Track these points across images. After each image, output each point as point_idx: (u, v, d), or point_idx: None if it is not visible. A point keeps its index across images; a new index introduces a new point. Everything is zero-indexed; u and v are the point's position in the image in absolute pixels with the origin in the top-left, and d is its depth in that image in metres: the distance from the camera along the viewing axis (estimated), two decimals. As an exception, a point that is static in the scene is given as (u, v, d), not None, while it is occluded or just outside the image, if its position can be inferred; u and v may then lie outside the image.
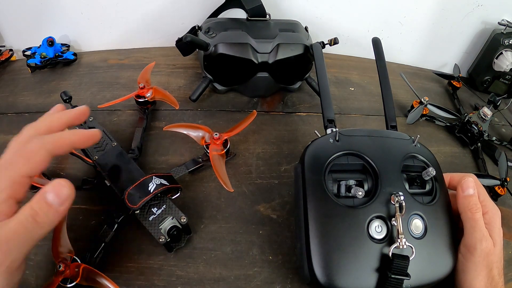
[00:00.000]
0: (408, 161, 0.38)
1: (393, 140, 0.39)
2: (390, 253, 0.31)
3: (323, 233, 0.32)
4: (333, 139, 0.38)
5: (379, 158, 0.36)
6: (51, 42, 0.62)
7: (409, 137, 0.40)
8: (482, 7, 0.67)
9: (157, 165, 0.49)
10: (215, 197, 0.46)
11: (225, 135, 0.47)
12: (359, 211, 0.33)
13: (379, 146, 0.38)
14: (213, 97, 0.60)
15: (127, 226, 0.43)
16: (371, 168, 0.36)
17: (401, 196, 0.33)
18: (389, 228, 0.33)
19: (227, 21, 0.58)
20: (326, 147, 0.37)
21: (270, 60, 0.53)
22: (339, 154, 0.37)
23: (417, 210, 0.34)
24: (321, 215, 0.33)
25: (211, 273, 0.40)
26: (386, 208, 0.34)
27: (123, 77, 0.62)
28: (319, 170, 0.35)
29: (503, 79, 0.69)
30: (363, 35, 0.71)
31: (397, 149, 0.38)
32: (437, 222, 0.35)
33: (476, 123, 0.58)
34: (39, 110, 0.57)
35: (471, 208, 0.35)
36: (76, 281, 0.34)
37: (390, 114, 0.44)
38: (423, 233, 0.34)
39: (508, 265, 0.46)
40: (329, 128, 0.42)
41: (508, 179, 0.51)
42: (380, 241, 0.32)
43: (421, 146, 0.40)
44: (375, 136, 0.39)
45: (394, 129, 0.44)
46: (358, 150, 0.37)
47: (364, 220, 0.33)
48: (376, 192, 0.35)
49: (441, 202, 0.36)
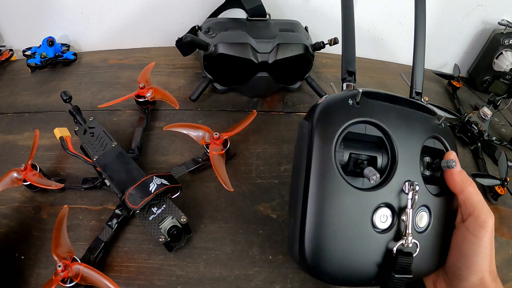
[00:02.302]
0: (429, 142, 0.33)
1: (419, 114, 0.34)
2: (395, 250, 0.29)
3: (322, 212, 0.28)
4: (353, 101, 0.31)
5: (401, 135, 0.31)
6: (51, 42, 0.62)
7: (435, 113, 0.35)
8: (482, 7, 0.67)
9: (157, 165, 0.49)
10: (215, 197, 0.46)
11: (225, 135, 0.47)
12: (367, 195, 0.29)
13: (403, 120, 0.32)
14: (213, 97, 0.60)
15: (127, 226, 0.43)
16: (390, 145, 0.31)
17: (417, 186, 0.29)
18: (394, 219, 0.30)
19: (227, 21, 0.58)
20: (344, 109, 0.30)
21: (270, 60, 0.53)
22: (357, 121, 0.30)
23: (426, 202, 0.31)
24: (324, 191, 0.29)
25: (211, 273, 0.40)
26: (396, 196, 0.30)
27: (123, 77, 0.62)
28: (331, 137, 0.29)
29: (503, 79, 0.69)
30: (363, 35, 0.71)
31: (421, 126, 0.33)
32: (442, 217, 0.32)
33: (476, 123, 0.58)
34: (39, 110, 0.57)
35: (470, 182, 0.32)
36: (76, 281, 0.34)
37: (418, 78, 0.38)
38: (426, 227, 0.31)
39: (508, 264, 0.46)
40: (347, 82, 0.35)
41: (508, 179, 0.51)
42: (382, 232, 0.29)
43: (445, 127, 0.35)
44: (401, 106, 0.33)
45: (418, 96, 0.38)
46: (379, 120, 0.31)
47: (372, 206, 0.29)
48: (389, 175, 0.30)
49: (449, 195, 0.33)
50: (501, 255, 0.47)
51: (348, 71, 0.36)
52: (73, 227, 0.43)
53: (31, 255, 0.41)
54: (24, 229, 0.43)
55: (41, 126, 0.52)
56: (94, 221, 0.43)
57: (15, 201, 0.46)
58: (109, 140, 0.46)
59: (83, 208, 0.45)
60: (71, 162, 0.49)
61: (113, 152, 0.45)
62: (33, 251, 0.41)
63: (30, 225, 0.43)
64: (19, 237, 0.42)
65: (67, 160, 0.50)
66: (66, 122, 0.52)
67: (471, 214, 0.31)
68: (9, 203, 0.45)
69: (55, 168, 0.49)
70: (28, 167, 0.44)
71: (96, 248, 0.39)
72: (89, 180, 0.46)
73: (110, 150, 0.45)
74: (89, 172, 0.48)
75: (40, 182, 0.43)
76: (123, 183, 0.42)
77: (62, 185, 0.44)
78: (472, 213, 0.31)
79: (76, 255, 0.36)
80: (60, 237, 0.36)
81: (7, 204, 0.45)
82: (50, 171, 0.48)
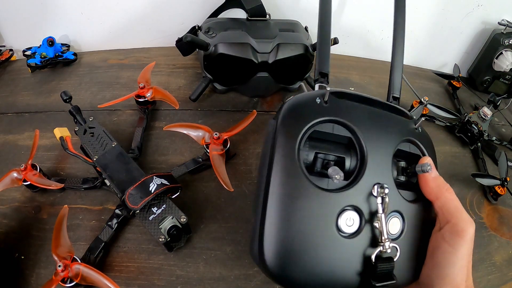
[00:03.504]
0: (403, 146, 0.31)
1: (393, 116, 0.32)
2: (373, 257, 0.27)
3: (282, 211, 0.27)
4: (321, 99, 0.30)
5: (371, 136, 0.30)
6: (51, 42, 0.62)
7: (411, 117, 0.33)
8: (482, 7, 0.67)
9: (157, 165, 0.49)
10: (215, 197, 0.46)
11: (225, 135, 0.47)
12: (332, 196, 0.27)
13: (375, 121, 0.31)
14: (213, 97, 0.60)
15: (127, 226, 0.43)
16: (359, 145, 0.29)
17: (386, 189, 0.28)
18: (363, 223, 0.28)
19: (227, 21, 0.58)
20: (310, 106, 0.30)
21: (270, 60, 0.53)
22: (324, 119, 0.29)
23: (399, 208, 0.29)
24: (285, 190, 0.27)
25: (211, 273, 0.40)
26: (365, 199, 0.28)
27: (123, 77, 0.62)
28: (295, 134, 0.28)
29: (503, 79, 0.69)
30: (363, 35, 0.71)
31: (395, 129, 0.31)
32: (417, 224, 0.30)
33: (476, 123, 0.58)
34: (39, 110, 0.57)
35: (447, 188, 0.30)
36: (76, 280, 0.34)
37: (395, 82, 0.37)
38: (399, 234, 0.29)
39: (508, 265, 0.46)
40: (319, 83, 0.34)
41: (508, 179, 0.51)
42: (349, 236, 0.28)
43: (422, 131, 0.33)
44: (373, 107, 0.32)
45: (396, 102, 0.37)
46: (348, 119, 0.29)
47: (336, 208, 0.27)
48: (358, 177, 0.29)
49: (426, 202, 0.31)
50: (501, 255, 0.47)
51: (321, 73, 0.35)
52: (73, 227, 0.43)
53: (31, 255, 0.41)
54: (24, 229, 0.43)
55: (41, 126, 0.52)
56: (94, 221, 0.43)
57: (15, 201, 0.46)
58: (109, 140, 0.46)
59: (83, 208, 0.45)
60: (71, 162, 0.49)
61: (113, 152, 0.45)
62: (33, 251, 0.41)
63: (30, 225, 0.43)
64: (19, 237, 0.42)
65: (67, 160, 0.50)
66: (66, 122, 0.52)
67: (448, 222, 0.29)
68: (9, 203, 0.46)
69: (55, 168, 0.49)
70: (28, 167, 0.44)
71: (96, 248, 0.39)
72: (89, 180, 0.46)
73: (110, 150, 0.45)
74: (89, 172, 0.48)
75: (40, 182, 0.43)
76: (123, 183, 0.42)
77: (62, 185, 0.44)
78: (449, 221, 0.29)
79: (76, 255, 0.36)
80: (60, 237, 0.36)
81: (7, 204, 0.45)
82: (50, 171, 0.48)
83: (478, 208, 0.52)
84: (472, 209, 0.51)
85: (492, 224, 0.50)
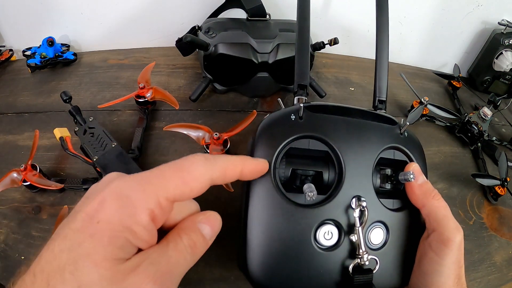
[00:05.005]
0: (387, 154, 0.31)
1: (374, 125, 0.31)
2: (351, 269, 0.28)
3: (262, 229, 0.28)
4: (296, 116, 0.30)
5: (349, 148, 0.29)
6: (51, 42, 0.62)
7: (396, 123, 0.32)
8: (482, 7, 0.67)
9: (157, 165, 0.49)
10: (215, 197, 0.46)
11: (225, 135, 0.47)
12: (309, 212, 0.28)
13: (353, 132, 0.30)
14: (213, 97, 0.60)
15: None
16: (336, 159, 0.29)
17: (364, 202, 0.28)
18: (342, 236, 0.28)
19: (227, 21, 0.58)
20: (284, 124, 0.30)
21: (270, 60, 0.53)
22: (298, 136, 0.29)
23: (381, 218, 0.29)
24: (262, 208, 0.28)
25: (211, 273, 0.40)
26: (343, 212, 0.28)
27: (123, 77, 0.62)
28: (270, 153, 0.29)
29: (503, 79, 0.69)
30: (363, 35, 0.71)
31: (376, 137, 0.30)
32: (402, 233, 0.30)
33: (476, 123, 0.58)
34: (39, 110, 0.57)
35: (434, 195, 0.29)
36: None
37: (381, 85, 0.36)
38: (382, 244, 0.29)
39: (508, 265, 0.46)
40: (298, 95, 0.34)
41: (508, 179, 0.51)
42: (328, 249, 0.28)
43: (408, 136, 0.32)
44: (352, 117, 0.31)
45: (382, 105, 0.36)
46: (324, 134, 0.29)
47: (314, 222, 0.28)
48: (336, 190, 0.28)
49: (412, 209, 0.30)
50: (501, 255, 0.47)
51: (299, 85, 0.35)
52: (73, 227, 0.43)
53: (31, 255, 0.41)
54: (24, 229, 0.43)
55: (41, 126, 0.52)
56: (94, 221, 0.43)
57: (15, 201, 0.46)
58: (109, 140, 0.46)
59: (83, 208, 0.45)
60: (71, 162, 0.49)
61: (113, 152, 0.45)
62: (33, 251, 0.41)
63: (30, 225, 0.43)
64: (19, 237, 0.42)
65: (67, 160, 0.50)
66: (66, 122, 0.52)
67: (434, 230, 0.29)
68: (9, 203, 0.45)
69: (55, 168, 0.49)
70: (28, 167, 0.44)
71: (96, 248, 0.39)
72: (89, 180, 0.46)
73: (110, 150, 0.45)
74: (89, 172, 0.48)
75: (40, 183, 0.43)
76: (123, 183, 0.42)
77: (62, 185, 0.44)
78: (435, 229, 0.28)
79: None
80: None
81: (7, 204, 0.45)
82: (50, 171, 0.48)
83: (478, 208, 0.52)
84: (472, 209, 0.51)
85: (492, 224, 0.50)
